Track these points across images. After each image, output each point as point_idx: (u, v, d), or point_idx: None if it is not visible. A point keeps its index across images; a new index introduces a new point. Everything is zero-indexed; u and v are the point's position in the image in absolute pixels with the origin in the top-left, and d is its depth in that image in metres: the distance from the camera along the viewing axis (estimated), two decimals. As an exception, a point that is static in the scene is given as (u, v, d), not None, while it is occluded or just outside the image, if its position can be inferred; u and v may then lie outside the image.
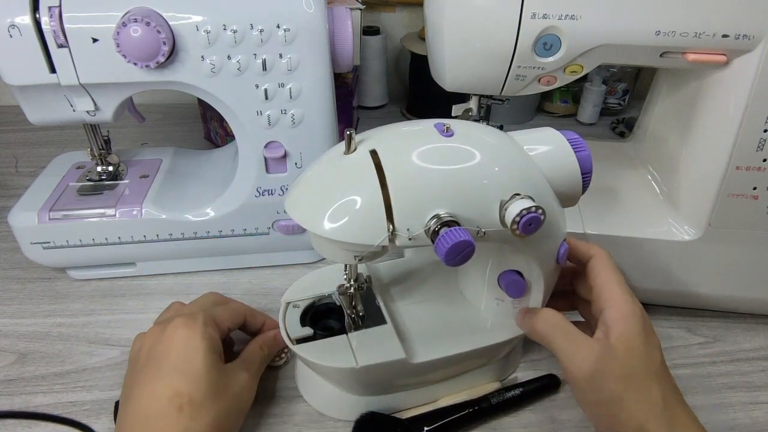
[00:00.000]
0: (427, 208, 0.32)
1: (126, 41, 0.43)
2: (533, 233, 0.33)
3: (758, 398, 0.47)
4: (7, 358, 0.49)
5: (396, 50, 0.97)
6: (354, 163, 0.34)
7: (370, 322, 0.43)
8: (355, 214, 0.32)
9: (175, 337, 0.38)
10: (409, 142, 0.34)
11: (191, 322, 0.39)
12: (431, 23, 0.48)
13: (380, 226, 0.32)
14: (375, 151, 0.33)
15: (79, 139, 0.82)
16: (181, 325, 0.38)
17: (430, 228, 0.32)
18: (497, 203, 0.33)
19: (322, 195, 0.34)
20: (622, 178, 0.58)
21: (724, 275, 0.51)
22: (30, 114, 0.50)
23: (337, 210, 0.32)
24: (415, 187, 0.32)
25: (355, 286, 0.43)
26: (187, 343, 0.37)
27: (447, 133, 0.34)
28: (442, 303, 0.46)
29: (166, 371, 0.36)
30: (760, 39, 0.42)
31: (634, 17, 0.42)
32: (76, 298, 0.56)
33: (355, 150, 0.34)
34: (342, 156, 0.34)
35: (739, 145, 0.45)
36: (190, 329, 0.38)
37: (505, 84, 0.47)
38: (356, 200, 0.32)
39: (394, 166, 0.32)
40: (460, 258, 0.31)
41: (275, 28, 0.46)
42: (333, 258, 0.36)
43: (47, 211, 0.52)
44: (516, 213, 0.32)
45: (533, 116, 0.93)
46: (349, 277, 0.43)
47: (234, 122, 0.52)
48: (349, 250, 0.34)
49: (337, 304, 0.45)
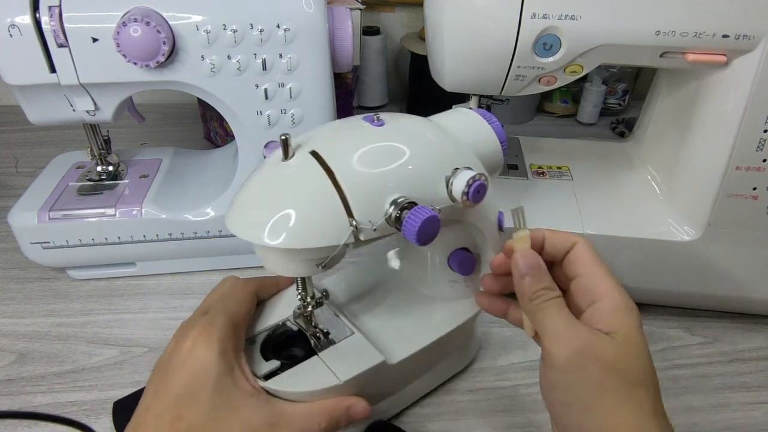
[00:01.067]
0: (383, 197, 0.32)
1: (126, 41, 0.43)
2: (481, 200, 0.34)
3: (757, 398, 0.47)
4: (6, 358, 0.49)
5: (396, 50, 0.97)
6: (299, 168, 0.33)
7: (337, 336, 0.41)
8: (314, 218, 0.32)
9: (191, 354, 0.35)
10: (346, 138, 0.34)
11: (208, 336, 0.36)
12: (431, 23, 0.48)
13: (342, 225, 0.32)
14: (315, 152, 0.33)
15: (79, 139, 0.81)
16: (198, 338, 0.36)
17: (392, 215, 0.32)
18: (443, 180, 0.34)
19: (271, 206, 0.32)
20: (622, 178, 0.58)
21: (724, 275, 0.51)
22: (30, 114, 0.50)
23: (294, 218, 0.31)
24: (367, 179, 0.33)
25: (313, 303, 0.40)
26: (200, 363, 0.35)
27: (377, 122, 0.35)
28: (398, 301, 0.46)
29: (174, 389, 0.34)
30: (760, 39, 0.42)
31: (634, 17, 0.42)
32: (76, 298, 0.56)
33: (293, 156, 0.33)
34: (281, 163, 0.33)
35: (739, 145, 0.45)
36: (207, 344, 0.35)
37: (505, 84, 0.47)
38: (312, 204, 0.32)
39: (340, 163, 0.32)
40: (431, 234, 0.32)
41: (275, 27, 0.46)
42: (292, 272, 0.35)
43: (47, 211, 0.52)
44: (463, 184, 0.33)
45: (533, 116, 0.93)
46: (305, 295, 0.40)
47: (234, 122, 0.52)
48: (310, 259, 0.34)
49: (295, 329, 0.42)
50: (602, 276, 0.32)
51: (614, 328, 0.30)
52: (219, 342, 0.36)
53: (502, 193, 0.55)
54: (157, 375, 0.36)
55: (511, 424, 0.44)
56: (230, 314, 0.38)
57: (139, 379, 0.47)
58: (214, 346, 0.35)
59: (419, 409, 0.45)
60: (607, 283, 0.32)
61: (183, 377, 0.34)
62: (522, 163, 0.60)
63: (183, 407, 0.33)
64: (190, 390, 0.34)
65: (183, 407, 0.33)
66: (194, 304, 0.54)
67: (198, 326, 0.36)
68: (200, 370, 0.34)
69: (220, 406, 0.34)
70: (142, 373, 0.48)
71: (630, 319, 0.31)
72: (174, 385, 0.34)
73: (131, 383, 0.47)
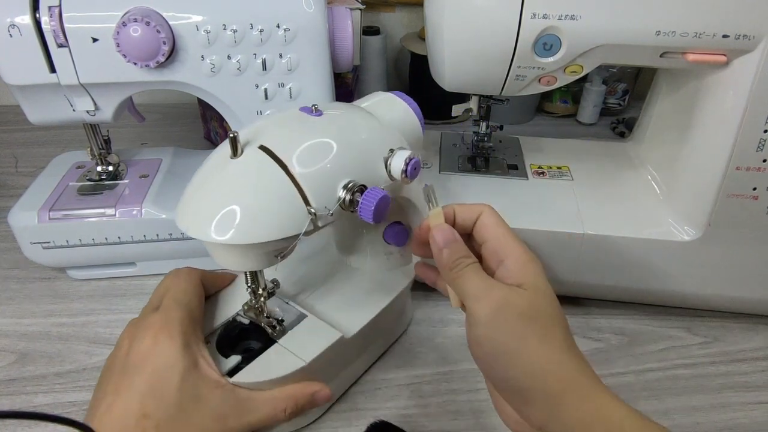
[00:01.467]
0: (335, 183, 0.34)
1: (126, 41, 0.43)
2: (417, 176, 0.38)
3: (757, 398, 0.47)
4: (7, 357, 0.49)
5: (396, 50, 0.97)
6: (252, 164, 0.33)
7: (291, 321, 0.42)
8: (274, 211, 0.33)
9: (153, 350, 0.35)
10: (291, 130, 0.35)
11: (169, 331, 0.36)
12: (431, 23, 0.48)
13: (301, 214, 0.33)
14: (265, 147, 0.33)
15: (79, 139, 0.81)
16: (159, 334, 0.36)
17: (345, 199, 0.34)
18: (381, 161, 0.37)
19: (227, 203, 0.32)
20: (622, 178, 0.58)
21: (724, 275, 0.51)
22: (30, 114, 0.50)
23: (257, 212, 0.32)
24: (318, 168, 0.34)
25: (265, 295, 0.41)
26: (164, 359, 0.35)
27: (316, 113, 0.36)
28: (340, 281, 0.48)
29: (138, 387, 0.34)
30: (760, 39, 0.42)
31: (634, 17, 0.42)
32: (76, 298, 0.56)
33: (242, 152, 0.33)
34: (230, 160, 0.33)
35: (739, 145, 0.45)
36: (169, 339, 0.35)
37: (505, 84, 0.47)
38: (271, 197, 0.33)
39: (291, 155, 0.33)
40: (385, 212, 0.35)
41: (275, 27, 0.46)
42: (249, 267, 0.36)
43: (47, 211, 0.52)
44: (402, 163, 0.36)
45: (533, 116, 0.93)
46: (256, 287, 0.41)
47: (234, 122, 0.52)
48: (268, 252, 0.35)
49: (247, 322, 0.43)
50: (506, 237, 0.35)
51: (523, 281, 0.33)
52: (181, 336, 0.36)
53: (503, 193, 0.55)
54: (116, 374, 0.35)
55: (511, 424, 0.44)
56: (186, 306, 0.39)
57: (139, 379, 0.47)
58: (176, 341, 0.35)
59: (419, 409, 0.45)
60: (511, 243, 0.35)
61: (147, 375, 0.34)
62: (522, 163, 0.60)
63: (149, 405, 0.33)
64: (155, 387, 0.34)
65: (149, 405, 0.33)
66: (194, 304, 0.55)
67: (156, 322, 0.37)
68: (165, 366, 0.35)
69: (186, 400, 0.34)
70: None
71: (535, 271, 0.34)
72: (137, 383, 0.34)
73: (131, 383, 0.47)
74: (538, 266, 0.34)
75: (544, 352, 0.31)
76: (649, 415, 0.44)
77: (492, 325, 0.32)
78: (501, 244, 0.35)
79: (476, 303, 0.33)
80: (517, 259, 0.34)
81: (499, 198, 0.54)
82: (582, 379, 0.31)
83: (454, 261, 0.34)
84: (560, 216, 0.52)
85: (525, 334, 0.32)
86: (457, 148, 0.63)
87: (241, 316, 0.43)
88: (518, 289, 0.33)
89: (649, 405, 0.46)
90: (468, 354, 0.50)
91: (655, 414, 0.45)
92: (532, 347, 0.31)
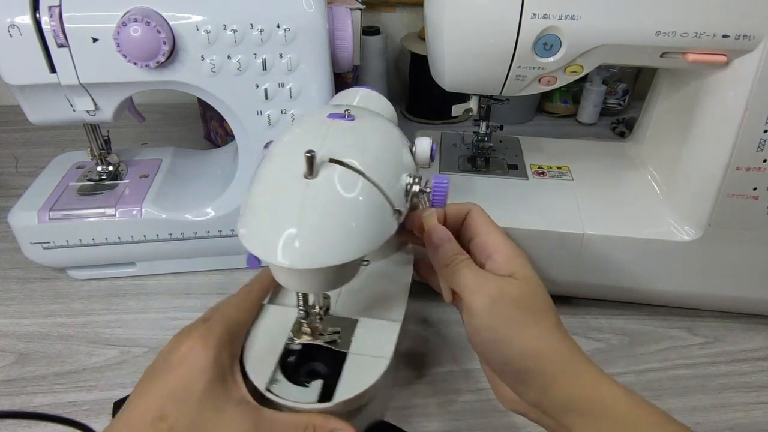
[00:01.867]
0: (399, 179, 0.35)
1: (126, 41, 0.43)
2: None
3: (758, 398, 0.47)
4: (7, 358, 0.49)
5: (396, 50, 0.97)
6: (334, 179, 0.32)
7: (347, 329, 0.41)
8: (369, 220, 0.32)
9: (185, 357, 0.35)
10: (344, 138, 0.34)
11: (205, 341, 0.36)
12: (431, 23, 0.48)
13: (388, 217, 0.33)
14: (335, 160, 0.32)
15: (79, 139, 0.81)
16: (195, 343, 0.36)
17: (413, 191, 0.35)
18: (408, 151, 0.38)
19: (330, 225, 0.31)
20: (622, 178, 0.58)
21: (724, 275, 0.51)
22: (30, 114, 0.50)
23: (352, 227, 0.31)
24: (385, 168, 0.34)
25: (321, 314, 0.40)
26: (193, 367, 0.35)
27: (349, 117, 0.36)
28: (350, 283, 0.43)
29: (162, 389, 0.34)
30: (760, 39, 0.42)
31: (634, 17, 0.42)
32: (76, 298, 0.56)
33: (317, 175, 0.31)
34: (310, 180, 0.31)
35: (739, 146, 0.45)
36: (203, 350, 0.35)
37: (505, 84, 0.47)
38: (364, 208, 0.32)
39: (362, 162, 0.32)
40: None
41: (275, 28, 0.46)
42: (337, 284, 0.35)
43: (47, 211, 0.52)
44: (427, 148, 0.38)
45: (533, 116, 0.93)
46: (311, 306, 0.40)
47: (234, 122, 0.52)
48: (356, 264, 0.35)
49: (297, 348, 0.40)
50: (493, 233, 0.38)
51: (513, 271, 0.36)
52: (215, 348, 0.36)
53: (503, 193, 0.55)
54: (147, 376, 0.36)
55: (511, 424, 0.44)
56: (230, 323, 0.39)
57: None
58: (210, 352, 0.36)
59: (419, 409, 0.45)
60: (498, 238, 0.38)
61: (173, 378, 0.35)
62: (522, 163, 0.60)
63: (168, 407, 0.33)
64: (178, 391, 0.34)
65: (168, 407, 0.33)
66: (195, 304, 0.55)
67: (197, 332, 0.37)
68: (192, 373, 0.35)
69: (206, 410, 0.34)
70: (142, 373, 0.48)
71: (523, 263, 0.36)
72: (162, 386, 0.34)
73: (131, 383, 0.47)
74: (525, 258, 0.37)
75: (539, 335, 0.34)
76: (650, 415, 0.43)
77: (489, 315, 0.34)
78: (489, 239, 0.38)
79: (472, 295, 0.35)
80: (506, 252, 0.37)
81: (499, 198, 0.54)
82: (574, 359, 0.33)
83: (450, 257, 0.37)
84: (560, 216, 0.52)
85: (520, 321, 0.34)
86: (457, 148, 0.63)
87: (291, 342, 0.40)
88: (510, 279, 0.35)
89: (649, 405, 0.46)
90: (468, 354, 0.50)
91: (656, 414, 0.45)
92: (527, 332, 0.34)
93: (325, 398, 0.36)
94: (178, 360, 0.35)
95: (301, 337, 0.40)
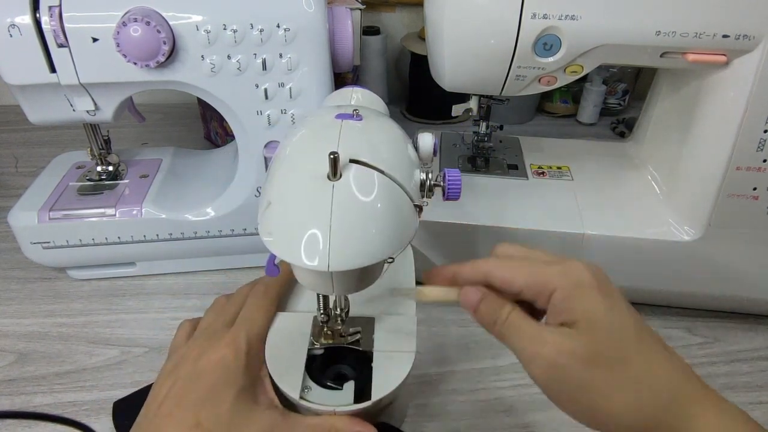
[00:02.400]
0: (413, 175, 0.35)
1: (126, 41, 0.43)
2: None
3: (758, 398, 0.47)
4: (7, 358, 0.49)
5: (396, 50, 0.97)
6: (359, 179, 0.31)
7: (367, 328, 0.41)
8: (396, 218, 0.32)
9: (218, 365, 0.36)
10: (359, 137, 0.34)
11: (237, 349, 0.37)
12: (431, 23, 0.48)
13: (411, 213, 0.33)
14: (355, 160, 0.32)
15: (79, 139, 0.81)
16: (227, 350, 0.36)
17: (428, 184, 0.36)
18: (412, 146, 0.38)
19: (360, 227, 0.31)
20: (622, 178, 0.58)
21: (724, 275, 0.51)
22: (30, 114, 0.50)
23: (383, 226, 0.31)
24: (402, 165, 0.34)
25: (342, 315, 0.40)
26: (226, 374, 0.36)
27: (357, 117, 0.36)
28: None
29: (197, 397, 0.35)
30: (760, 39, 0.42)
31: (634, 17, 0.42)
32: (76, 298, 0.56)
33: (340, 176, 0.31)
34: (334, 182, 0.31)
35: (739, 146, 0.45)
36: (235, 357, 0.36)
37: (505, 84, 0.47)
38: (390, 206, 0.32)
39: (380, 161, 0.32)
40: None
41: (275, 27, 0.46)
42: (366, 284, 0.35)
43: (47, 211, 0.52)
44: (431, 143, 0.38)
45: (533, 116, 0.93)
46: (335, 306, 0.40)
47: (234, 122, 0.52)
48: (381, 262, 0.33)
49: (319, 353, 0.40)
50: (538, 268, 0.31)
51: (575, 317, 0.29)
52: (246, 356, 0.37)
53: (503, 193, 0.55)
54: (181, 379, 0.36)
55: (511, 424, 0.44)
56: (255, 326, 0.39)
57: (140, 379, 0.47)
58: (240, 360, 0.36)
59: (419, 409, 0.45)
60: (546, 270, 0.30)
61: (208, 386, 0.35)
62: (522, 163, 0.60)
63: (203, 415, 0.34)
64: (212, 399, 0.35)
65: (203, 415, 0.34)
66: (195, 304, 0.55)
67: (228, 339, 0.37)
68: (225, 382, 0.35)
69: (237, 416, 0.35)
70: (142, 373, 0.48)
71: (587, 299, 0.29)
72: (196, 393, 0.35)
73: (131, 383, 0.47)
74: (589, 290, 0.29)
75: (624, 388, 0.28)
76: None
77: (552, 383, 0.29)
78: (536, 279, 0.30)
79: (529, 363, 0.29)
80: (563, 291, 0.29)
81: (499, 198, 0.54)
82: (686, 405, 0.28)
83: (490, 316, 0.31)
84: (560, 216, 0.52)
85: (590, 382, 0.28)
86: (457, 148, 0.63)
87: (314, 348, 0.40)
88: (570, 335, 0.28)
89: (649, 405, 0.46)
90: (467, 354, 0.50)
91: (656, 414, 0.45)
92: (608, 394, 0.28)
93: (358, 398, 0.36)
94: (211, 368, 0.36)
95: (323, 340, 0.40)
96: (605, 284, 0.30)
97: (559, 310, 0.29)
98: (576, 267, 0.30)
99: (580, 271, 0.30)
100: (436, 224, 0.51)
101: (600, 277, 0.30)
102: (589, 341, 0.28)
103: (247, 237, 0.56)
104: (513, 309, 0.31)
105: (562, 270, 0.30)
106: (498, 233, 0.51)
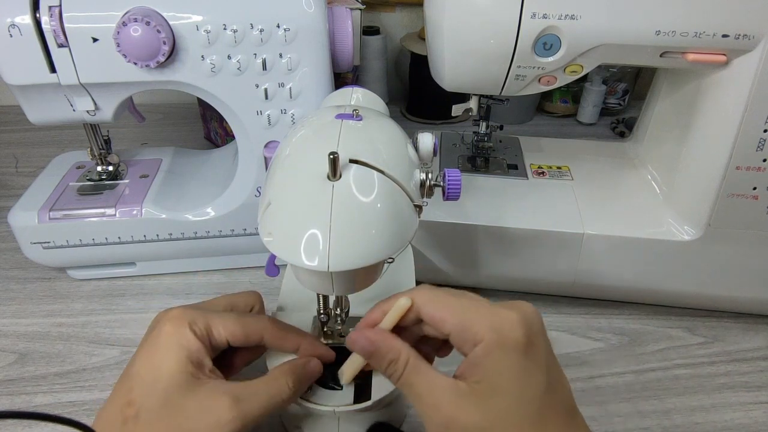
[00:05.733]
0: (413, 175, 0.35)
1: (126, 41, 0.43)
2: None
3: (757, 398, 0.47)
4: (7, 358, 0.49)
5: (396, 50, 0.97)
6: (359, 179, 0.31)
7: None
8: (396, 218, 0.32)
9: (158, 336, 0.34)
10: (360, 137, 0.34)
11: (177, 321, 0.34)
12: (431, 23, 0.48)
13: (412, 213, 0.33)
14: (355, 160, 0.32)
15: (79, 139, 0.82)
16: (166, 322, 0.34)
17: (428, 184, 0.36)
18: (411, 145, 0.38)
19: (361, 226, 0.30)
20: (622, 178, 0.58)
21: (724, 275, 0.51)
22: (30, 114, 0.50)
23: (383, 226, 0.31)
24: (401, 165, 0.34)
25: (343, 316, 0.40)
26: (162, 345, 0.33)
27: (357, 117, 0.36)
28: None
29: (132, 372, 0.33)
30: (760, 39, 0.42)
31: (634, 17, 0.42)
32: (76, 298, 0.56)
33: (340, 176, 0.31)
34: (334, 182, 0.31)
35: (739, 145, 0.45)
36: (174, 329, 0.33)
37: (505, 84, 0.47)
38: (390, 206, 0.32)
39: (380, 161, 0.33)
40: None
41: (275, 27, 0.46)
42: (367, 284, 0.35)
43: (47, 211, 0.52)
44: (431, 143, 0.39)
45: (533, 116, 0.93)
46: (335, 306, 0.40)
47: (234, 122, 0.52)
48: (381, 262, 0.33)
49: None
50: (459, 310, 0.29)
51: (481, 377, 0.28)
52: (186, 329, 0.34)
53: (503, 193, 0.55)
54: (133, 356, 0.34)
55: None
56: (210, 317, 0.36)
57: (140, 379, 0.47)
58: (179, 333, 0.34)
59: (419, 409, 0.45)
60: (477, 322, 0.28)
61: (143, 358, 0.33)
62: (522, 163, 0.60)
63: (136, 392, 0.32)
64: (147, 375, 0.32)
65: (136, 392, 0.32)
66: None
67: (169, 314, 0.35)
68: (161, 352, 0.33)
69: (174, 391, 0.32)
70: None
71: (504, 361, 0.27)
72: (133, 367, 0.33)
73: (131, 383, 0.47)
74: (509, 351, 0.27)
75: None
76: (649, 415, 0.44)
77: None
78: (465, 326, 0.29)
79: (424, 419, 0.29)
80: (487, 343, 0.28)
81: (499, 198, 0.54)
82: None
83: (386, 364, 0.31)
84: (560, 216, 0.52)
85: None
86: (457, 148, 0.63)
87: None
88: (467, 399, 0.27)
89: (649, 405, 0.46)
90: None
91: (656, 414, 0.45)
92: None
93: (358, 398, 0.36)
94: (147, 341, 0.34)
95: (323, 340, 0.40)
96: (534, 346, 0.28)
97: (473, 365, 0.28)
98: (510, 322, 0.28)
99: (513, 328, 0.28)
100: (436, 224, 0.51)
101: (532, 335, 0.28)
102: (485, 410, 0.27)
103: (247, 237, 0.56)
104: (407, 357, 0.30)
105: (493, 324, 0.28)
106: (498, 233, 0.51)
